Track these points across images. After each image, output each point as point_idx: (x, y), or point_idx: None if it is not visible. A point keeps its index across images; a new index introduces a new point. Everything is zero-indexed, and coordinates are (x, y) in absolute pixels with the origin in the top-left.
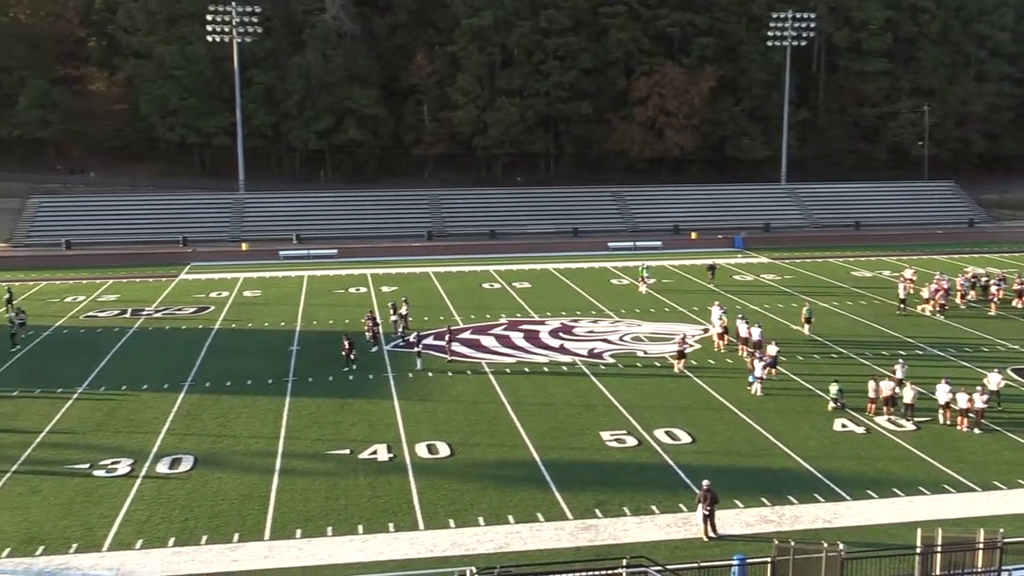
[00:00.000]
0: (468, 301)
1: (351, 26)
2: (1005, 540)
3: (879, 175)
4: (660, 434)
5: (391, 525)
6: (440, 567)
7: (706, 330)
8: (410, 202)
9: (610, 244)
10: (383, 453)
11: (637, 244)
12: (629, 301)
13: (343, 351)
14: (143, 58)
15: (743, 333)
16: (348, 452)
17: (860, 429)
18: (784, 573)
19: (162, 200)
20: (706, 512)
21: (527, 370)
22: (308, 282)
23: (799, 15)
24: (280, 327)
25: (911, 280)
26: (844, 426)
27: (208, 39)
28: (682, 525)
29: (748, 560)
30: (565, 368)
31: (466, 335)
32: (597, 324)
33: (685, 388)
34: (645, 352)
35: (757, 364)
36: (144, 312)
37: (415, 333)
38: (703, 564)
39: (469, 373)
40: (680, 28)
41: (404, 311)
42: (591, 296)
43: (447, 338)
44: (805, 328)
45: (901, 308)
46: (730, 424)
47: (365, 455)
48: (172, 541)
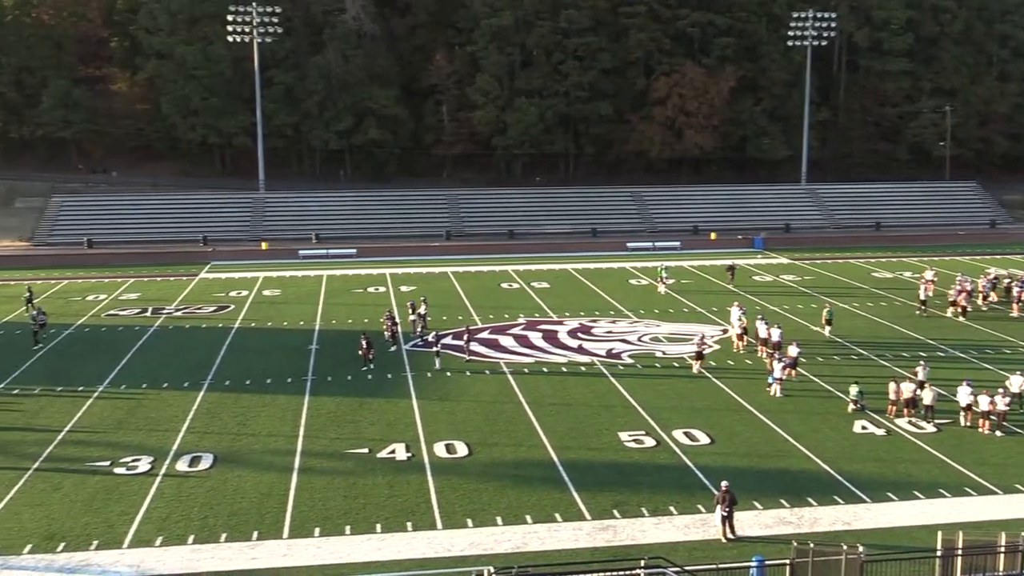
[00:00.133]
0: (486, 301)
1: (371, 26)
2: None
3: (900, 175)
4: (679, 435)
5: (409, 524)
6: (458, 567)
7: (725, 331)
8: (429, 202)
9: (629, 244)
10: (401, 452)
11: (656, 244)
12: (648, 302)
13: (360, 351)
14: (164, 58)
15: (762, 334)
16: (367, 451)
17: (880, 431)
18: (803, 575)
19: (183, 199)
20: (725, 513)
21: (545, 370)
22: (327, 281)
23: (820, 15)
24: (299, 326)
25: (932, 281)
26: (864, 428)
27: (229, 39)
28: (700, 526)
29: (767, 562)
30: (583, 368)
31: (484, 335)
32: (616, 324)
33: (704, 389)
34: (664, 353)
35: (776, 365)
36: (164, 311)
37: (433, 333)
38: (721, 565)
39: (487, 373)
40: (700, 28)
41: (423, 311)
42: (610, 296)
43: (465, 338)
44: (826, 330)
45: (922, 309)
46: (749, 425)
47: (383, 454)
48: (191, 539)
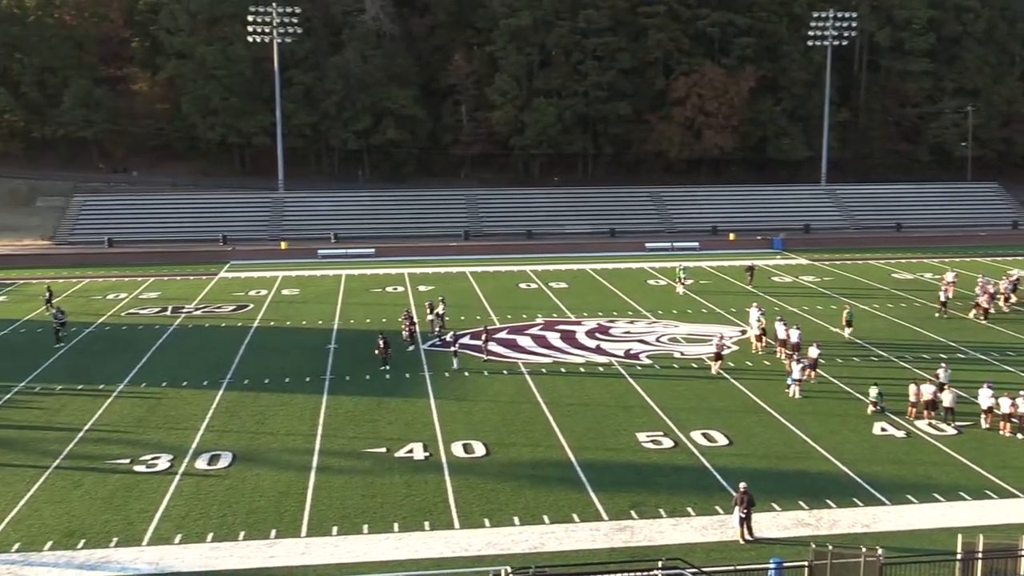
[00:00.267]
0: (504, 301)
1: (390, 27)
2: None
3: (921, 176)
4: (697, 436)
5: (427, 524)
6: (475, 566)
7: (743, 331)
8: (447, 202)
9: (647, 245)
10: (419, 452)
11: (674, 245)
12: (666, 302)
13: (378, 350)
14: (185, 58)
15: (781, 335)
16: (384, 450)
17: (900, 433)
18: None
19: (202, 199)
20: (743, 515)
21: (563, 370)
22: (346, 281)
23: (841, 14)
24: (318, 325)
25: (952, 283)
26: (884, 430)
27: (249, 40)
28: (718, 527)
29: (785, 564)
30: (601, 369)
31: (502, 335)
32: (634, 325)
33: (722, 390)
34: (682, 353)
35: (795, 366)
36: (184, 310)
37: (451, 332)
38: (739, 567)
39: (505, 373)
40: (720, 28)
41: (441, 310)
42: (628, 297)
43: (483, 338)
44: (846, 331)
45: (942, 311)
46: (767, 426)
47: (401, 454)
48: (210, 536)
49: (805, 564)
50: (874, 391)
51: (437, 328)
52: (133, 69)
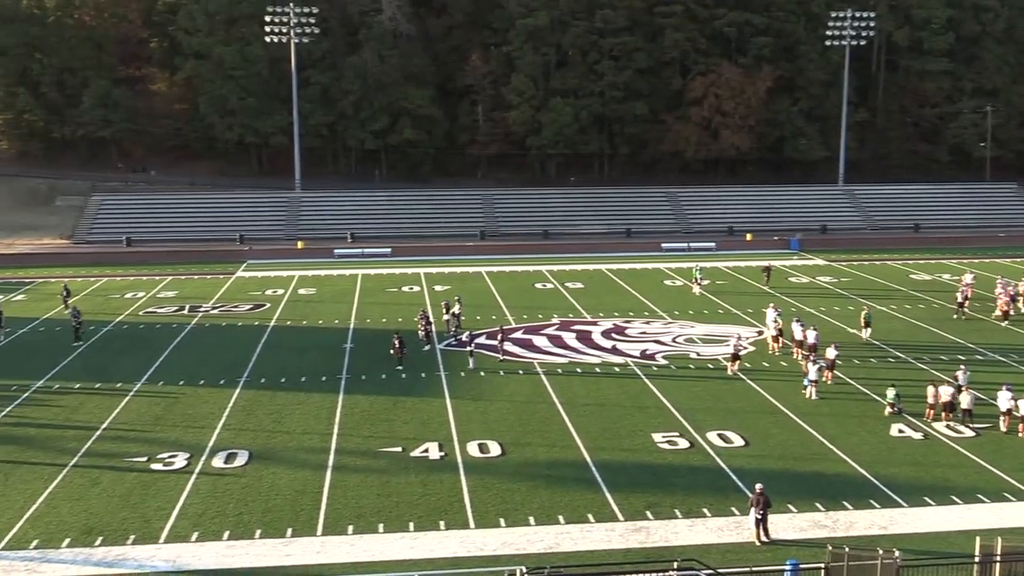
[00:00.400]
0: (520, 301)
1: (407, 27)
2: None
3: (940, 176)
4: (713, 436)
5: (442, 523)
6: (490, 566)
7: (760, 332)
8: (463, 202)
9: (664, 245)
10: (435, 451)
11: (691, 245)
12: (682, 302)
13: (393, 350)
14: (203, 58)
15: (798, 336)
16: (400, 450)
17: (918, 435)
18: None
19: (220, 198)
20: (759, 516)
21: (579, 370)
22: (362, 280)
23: (859, 14)
24: (334, 325)
25: (970, 284)
26: (901, 432)
27: (266, 40)
28: (734, 529)
29: (801, 565)
30: (617, 369)
31: (518, 335)
32: (650, 325)
33: (738, 391)
34: (698, 354)
35: (811, 367)
36: (201, 309)
37: (467, 332)
38: (755, 568)
39: (521, 373)
40: (737, 28)
41: (457, 310)
42: (644, 297)
43: (499, 338)
44: (864, 332)
45: (959, 312)
46: (784, 428)
47: (417, 453)
48: (227, 535)
49: (821, 566)
50: (891, 392)
51: (453, 328)
52: (151, 69)
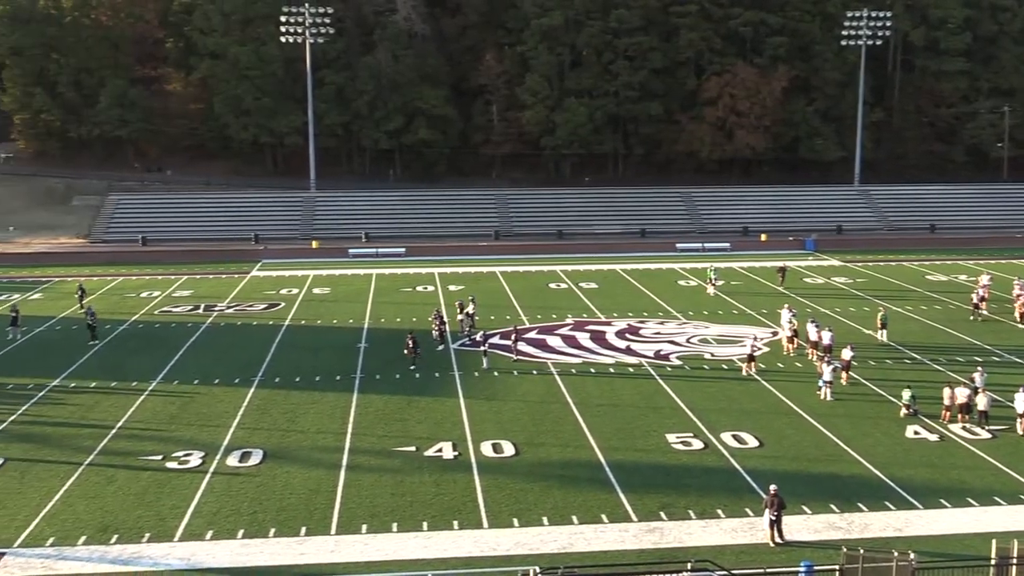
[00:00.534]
0: (535, 301)
1: (422, 27)
2: None
3: (956, 177)
4: (727, 437)
5: (455, 523)
6: (504, 566)
7: (775, 333)
8: (478, 202)
9: (678, 245)
10: (448, 451)
11: (705, 246)
12: (697, 303)
13: (407, 350)
14: (218, 58)
15: (813, 337)
16: (414, 449)
17: (933, 437)
18: None
19: (235, 198)
20: (773, 517)
21: (593, 371)
22: (376, 280)
23: (875, 14)
24: (349, 324)
25: (987, 286)
26: (917, 433)
27: (281, 40)
28: (748, 530)
29: (816, 567)
30: (631, 369)
31: (532, 335)
32: (664, 326)
33: (753, 391)
34: (712, 354)
35: (826, 368)
36: (216, 308)
37: (481, 332)
38: (769, 570)
39: (535, 373)
40: (752, 27)
41: (471, 310)
42: (658, 297)
43: (513, 338)
44: (881, 333)
45: (976, 313)
46: (798, 429)
47: (431, 453)
48: (241, 533)
49: (836, 568)
50: (907, 394)
51: (467, 328)
52: (167, 69)
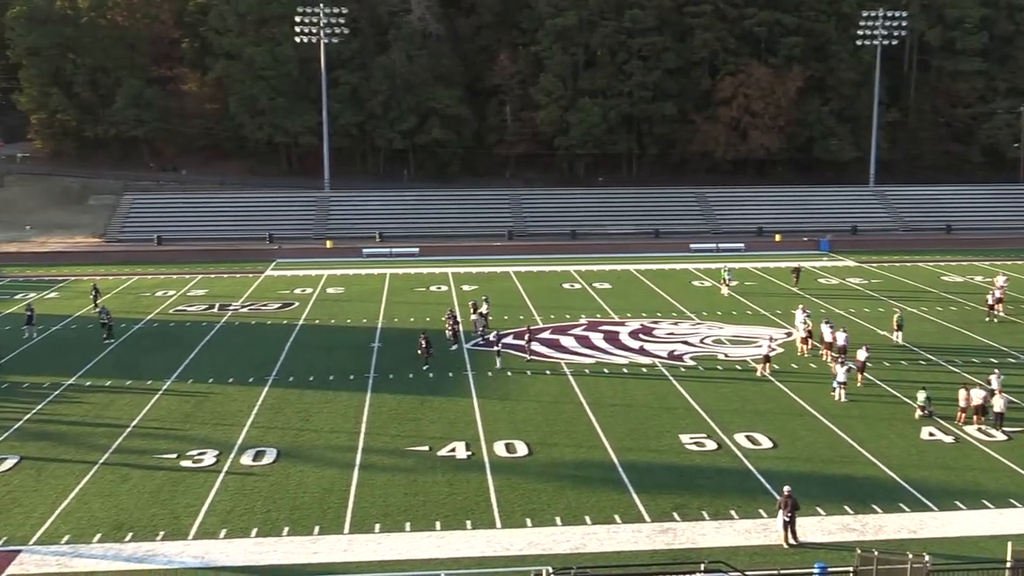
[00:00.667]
0: (548, 301)
1: (436, 27)
2: None
3: (973, 177)
4: (740, 438)
5: (468, 523)
6: (516, 566)
7: (789, 334)
8: (491, 202)
9: (692, 246)
10: (462, 451)
11: (719, 246)
12: (710, 303)
13: (420, 350)
14: (233, 59)
15: (827, 338)
16: (427, 449)
17: (948, 438)
18: None
19: (249, 198)
20: (787, 519)
21: (606, 371)
22: (390, 280)
23: (891, 13)
24: (362, 324)
25: (1003, 287)
26: (931, 435)
27: (296, 40)
28: (762, 531)
29: (829, 569)
30: (645, 370)
31: (546, 335)
32: (678, 326)
33: (767, 392)
34: (726, 355)
35: (839, 369)
36: (231, 307)
37: (495, 332)
38: (783, 571)
39: (548, 373)
40: (767, 27)
41: (484, 310)
42: (672, 298)
43: (527, 338)
44: (896, 335)
45: (991, 314)
46: (812, 430)
47: (444, 452)
48: (255, 532)
49: (850, 570)
50: (922, 395)
51: (480, 328)
52: (183, 69)
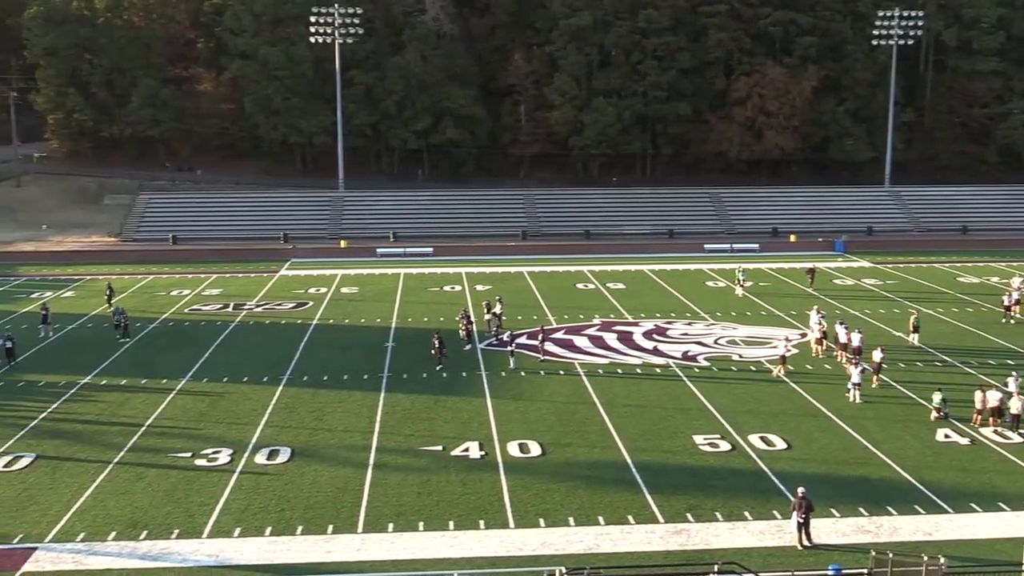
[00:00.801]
0: (562, 301)
1: (450, 27)
2: None
3: (989, 178)
4: (754, 439)
5: (482, 522)
6: (529, 566)
7: (804, 335)
8: (505, 202)
9: (706, 246)
10: (475, 451)
11: (734, 246)
12: (725, 304)
13: (433, 350)
14: (248, 59)
15: (842, 339)
16: (440, 449)
17: (964, 440)
18: None
19: (264, 197)
20: (801, 520)
21: (620, 371)
22: (404, 280)
23: (907, 13)
24: (376, 324)
25: (1019, 288)
26: (947, 437)
27: (311, 40)
28: (776, 532)
29: (844, 571)
30: (658, 370)
31: (559, 335)
32: (692, 326)
33: (781, 393)
34: (740, 356)
35: (853, 370)
36: (245, 307)
37: (509, 332)
38: (797, 573)
39: (562, 373)
40: (782, 27)
41: (498, 310)
42: (686, 298)
43: (540, 338)
44: (913, 337)
45: (1008, 316)
46: (827, 431)
47: (457, 452)
48: (269, 530)
49: (865, 572)
50: (938, 397)
51: (494, 328)
52: (198, 69)
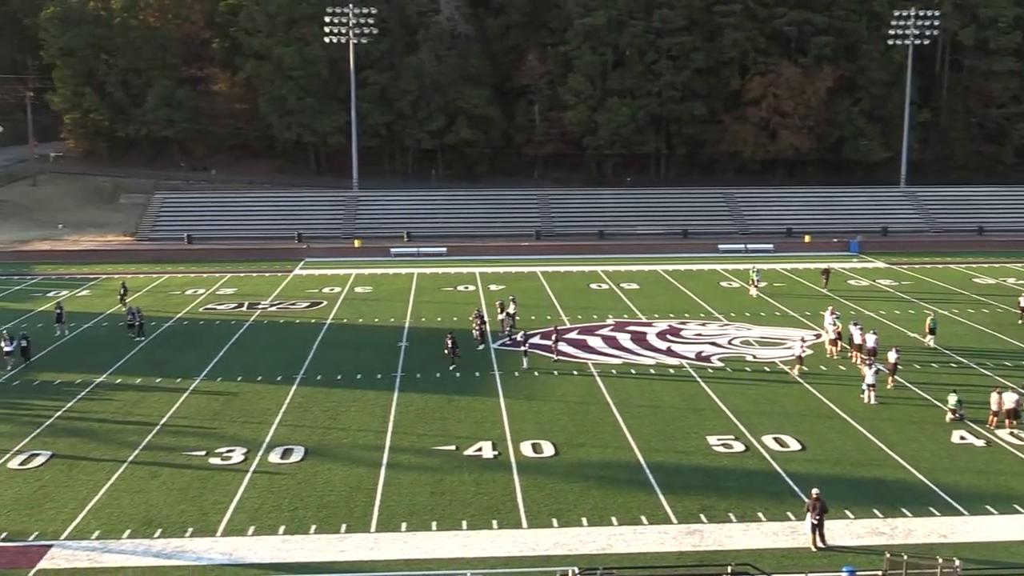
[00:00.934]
0: (575, 301)
1: (465, 27)
2: None
3: (1005, 178)
4: (768, 440)
5: (495, 522)
6: (542, 566)
7: (818, 335)
8: (519, 202)
9: (720, 246)
10: (488, 450)
11: (748, 247)
12: (739, 304)
13: (446, 350)
14: (263, 59)
15: (857, 339)
16: (454, 448)
17: (980, 442)
18: None
19: (278, 197)
20: (815, 521)
21: (633, 372)
22: (418, 279)
23: (923, 13)
24: (390, 323)
25: None
26: (963, 438)
27: (325, 40)
28: (789, 534)
29: (858, 572)
30: (672, 371)
31: (573, 335)
32: (706, 327)
33: (795, 394)
34: (755, 356)
35: (868, 371)
36: (260, 306)
37: (522, 332)
38: (811, 575)
39: (575, 373)
40: (797, 27)
41: (512, 310)
42: (700, 298)
43: (554, 338)
44: (929, 339)
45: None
46: (841, 432)
47: (470, 452)
48: (282, 529)
49: (879, 574)
50: (953, 398)
51: (508, 328)
52: (213, 69)
